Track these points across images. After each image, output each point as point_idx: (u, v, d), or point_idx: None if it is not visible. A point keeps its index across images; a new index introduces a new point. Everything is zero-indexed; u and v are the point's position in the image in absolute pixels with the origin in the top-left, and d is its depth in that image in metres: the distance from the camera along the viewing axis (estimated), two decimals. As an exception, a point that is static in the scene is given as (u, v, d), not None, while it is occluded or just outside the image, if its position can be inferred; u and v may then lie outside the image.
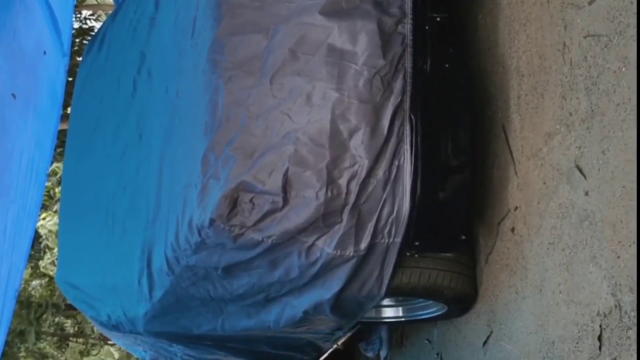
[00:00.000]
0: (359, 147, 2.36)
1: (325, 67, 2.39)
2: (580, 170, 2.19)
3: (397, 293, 2.82)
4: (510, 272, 2.63)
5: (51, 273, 10.50)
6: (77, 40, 9.57)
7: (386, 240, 2.41)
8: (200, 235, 2.43)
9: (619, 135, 2.01)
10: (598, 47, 2.11)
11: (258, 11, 2.49)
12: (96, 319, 3.59)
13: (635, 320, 1.91)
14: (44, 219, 9.98)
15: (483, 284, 2.85)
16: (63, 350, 13.29)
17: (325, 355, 3.55)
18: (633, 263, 1.92)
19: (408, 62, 2.40)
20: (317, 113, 2.37)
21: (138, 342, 3.50)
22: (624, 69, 2.00)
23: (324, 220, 2.36)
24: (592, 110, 2.14)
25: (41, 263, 10.84)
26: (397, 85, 2.39)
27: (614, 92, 2.04)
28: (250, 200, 2.36)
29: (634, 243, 1.92)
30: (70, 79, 5.64)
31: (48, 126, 4.82)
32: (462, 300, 2.88)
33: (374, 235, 2.39)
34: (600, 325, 2.07)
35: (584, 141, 2.18)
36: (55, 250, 9.46)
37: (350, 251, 2.40)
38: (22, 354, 12.04)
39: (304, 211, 2.35)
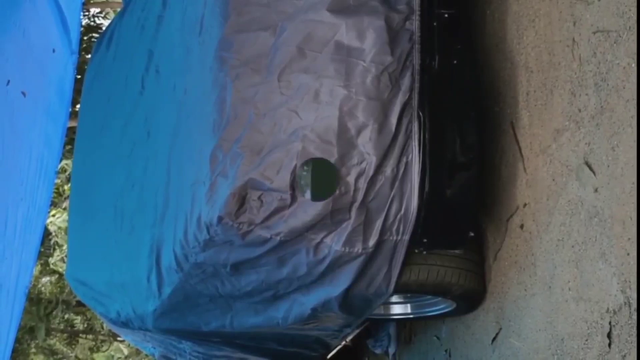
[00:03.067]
0: (366, 144, 2.35)
1: (332, 64, 2.39)
2: (590, 167, 2.18)
3: (405, 290, 2.81)
4: (519, 269, 2.62)
5: (61, 270, 10.56)
6: (86, 37, 9.61)
7: (394, 238, 2.40)
8: (208, 232, 2.43)
9: (628, 131, 2.00)
10: (607, 43, 2.10)
11: (265, 8, 2.49)
12: (106, 315, 3.60)
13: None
14: (53, 215, 10.04)
15: (491, 281, 2.84)
16: (73, 346, 13.37)
17: (334, 352, 3.56)
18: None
19: (416, 59, 2.40)
20: (324, 110, 2.37)
21: (147, 338, 3.52)
22: (633, 65, 1.98)
23: (331, 217, 2.36)
24: (602, 107, 2.13)
25: (51, 260, 10.91)
26: (405, 82, 2.38)
27: (624, 88, 2.02)
28: (258, 198, 2.36)
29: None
30: (79, 76, 5.66)
31: (57, 124, 4.84)
32: (470, 297, 2.87)
33: (382, 233, 2.39)
34: (610, 323, 2.06)
35: (593, 137, 2.17)
36: (65, 247, 9.51)
37: (358, 248, 2.40)
38: (32, 350, 12.12)
39: (312, 208, 2.35)
